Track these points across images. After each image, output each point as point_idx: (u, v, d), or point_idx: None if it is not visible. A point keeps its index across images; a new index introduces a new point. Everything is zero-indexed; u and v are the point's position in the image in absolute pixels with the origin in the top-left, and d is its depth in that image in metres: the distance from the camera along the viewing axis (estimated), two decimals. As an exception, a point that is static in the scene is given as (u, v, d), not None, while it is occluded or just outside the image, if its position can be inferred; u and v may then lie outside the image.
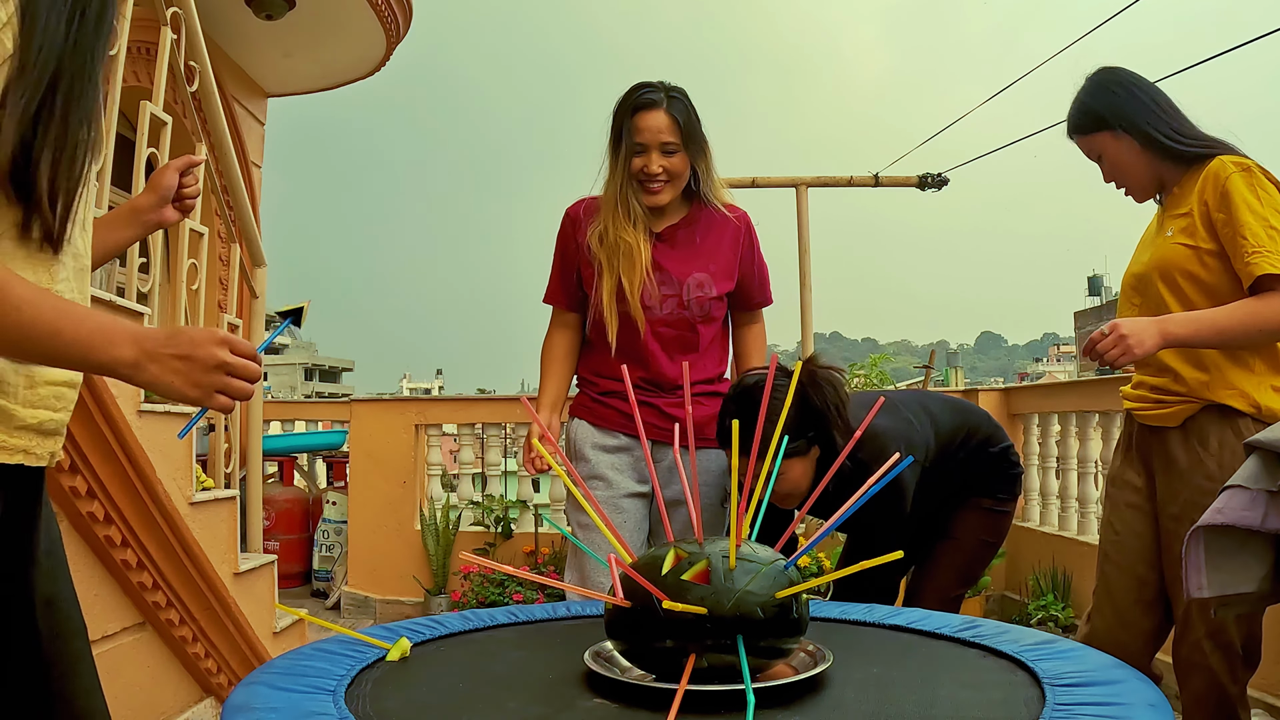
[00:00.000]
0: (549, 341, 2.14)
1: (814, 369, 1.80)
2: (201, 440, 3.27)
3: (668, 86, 1.99)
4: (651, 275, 2.00)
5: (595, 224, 2.03)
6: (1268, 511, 1.39)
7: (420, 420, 5.17)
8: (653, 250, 2.02)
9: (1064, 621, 3.95)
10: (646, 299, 2.00)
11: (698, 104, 2.00)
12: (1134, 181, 1.89)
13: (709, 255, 2.05)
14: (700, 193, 2.06)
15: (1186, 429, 1.78)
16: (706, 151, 2.02)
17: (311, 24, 4.97)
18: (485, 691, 0.98)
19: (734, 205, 2.10)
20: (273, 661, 1.04)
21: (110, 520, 2.19)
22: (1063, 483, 4.35)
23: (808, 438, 1.79)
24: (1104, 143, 1.88)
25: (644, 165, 1.96)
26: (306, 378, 52.13)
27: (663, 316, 2.01)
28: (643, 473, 2.03)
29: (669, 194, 1.99)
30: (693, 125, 1.98)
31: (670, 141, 1.95)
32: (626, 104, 1.98)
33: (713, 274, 2.03)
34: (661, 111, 1.95)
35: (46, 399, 1.05)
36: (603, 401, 2.05)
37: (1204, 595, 1.44)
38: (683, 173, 1.99)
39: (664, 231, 2.05)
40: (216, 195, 3.06)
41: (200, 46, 2.76)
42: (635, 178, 1.97)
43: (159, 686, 2.47)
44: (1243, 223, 1.68)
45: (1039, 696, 0.90)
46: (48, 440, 1.06)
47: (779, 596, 0.91)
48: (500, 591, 4.61)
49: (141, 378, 0.99)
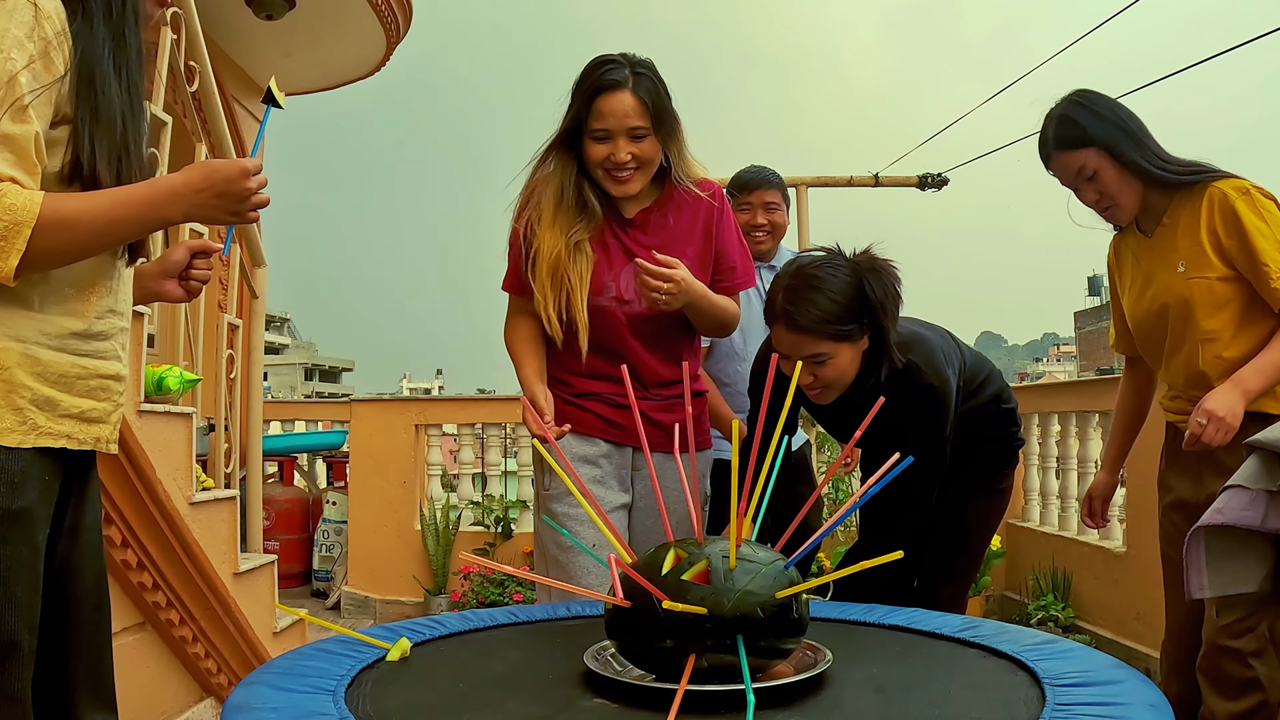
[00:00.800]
0: (513, 329, 1.91)
1: (875, 258, 1.76)
2: (201, 440, 3.27)
3: (632, 61, 1.76)
4: (620, 270, 1.81)
5: (530, 213, 1.82)
6: (1268, 511, 1.39)
7: (420, 420, 5.17)
8: (624, 238, 1.84)
9: (1064, 621, 3.95)
10: (624, 292, 1.82)
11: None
12: (1126, 200, 1.88)
13: (684, 240, 1.85)
14: (672, 174, 1.85)
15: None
16: (678, 132, 1.81)
17: (311, 24, 4.97)
18: (485, 691, 0.98)
19: (706, 179, 1.89)
20: (273, 661, 1.04)
21: (110, 520, 2.19)
22: (1063, 483, 4.35)
23: (860, 324, 1.74)
24: (1092, 159, 1.85)
25: (610, 154, 1.74)
26: (306, 378, 52.12)
27: (642, 310, 1.82)
28: (624, 480, 1.86)
29: (640, 181, 1.79)
30: (662, 105, 1.76)
31: (639, 126, 1.73)
32: (586, 85, 1.75)
33: (689, 260, 1.82)
34: (627, 93, 1.72)
35: (93, 390, 1.20)
36: (579, 404, 1.84)
37: (1205, 595, 1.45)
38: (654, 158, 1.78)
39: (636, 216, 1.86)
40: (216, 195, 3.06)
41: (200, 46, 2.76)
42: (600, 166, 1.77)
43: (159, 686, 2.47)
44: (1259, 249, 1.73)
45: (1039, 696, 0.90)
46: (92, 427, 1.20)
47: (779, 596, 0.91)
48: (500, 591, 4.61)
49: (190, 221, 1.26)
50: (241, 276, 3.24)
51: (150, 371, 2.41)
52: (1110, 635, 3.74)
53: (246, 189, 1.17)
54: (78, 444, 1.17)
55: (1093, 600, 3.95)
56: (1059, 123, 1.89)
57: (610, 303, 1.82)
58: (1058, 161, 1.91)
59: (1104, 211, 1.93)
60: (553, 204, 1.80)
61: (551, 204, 1.81)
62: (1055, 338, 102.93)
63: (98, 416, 1.21)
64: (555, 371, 1.87)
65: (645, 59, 1.78)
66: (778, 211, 2.64)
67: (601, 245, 1.83)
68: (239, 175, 1.17)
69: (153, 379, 2.42)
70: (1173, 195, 1.86)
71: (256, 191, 1.19)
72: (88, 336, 1.18)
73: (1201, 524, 1.44)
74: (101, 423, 1.22)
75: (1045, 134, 1.92)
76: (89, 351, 1.19)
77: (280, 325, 54.95)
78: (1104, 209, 1.92)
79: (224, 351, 3.01)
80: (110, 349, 1.23)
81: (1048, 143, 1.91)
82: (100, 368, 1.20)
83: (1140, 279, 1.95)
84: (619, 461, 1.85)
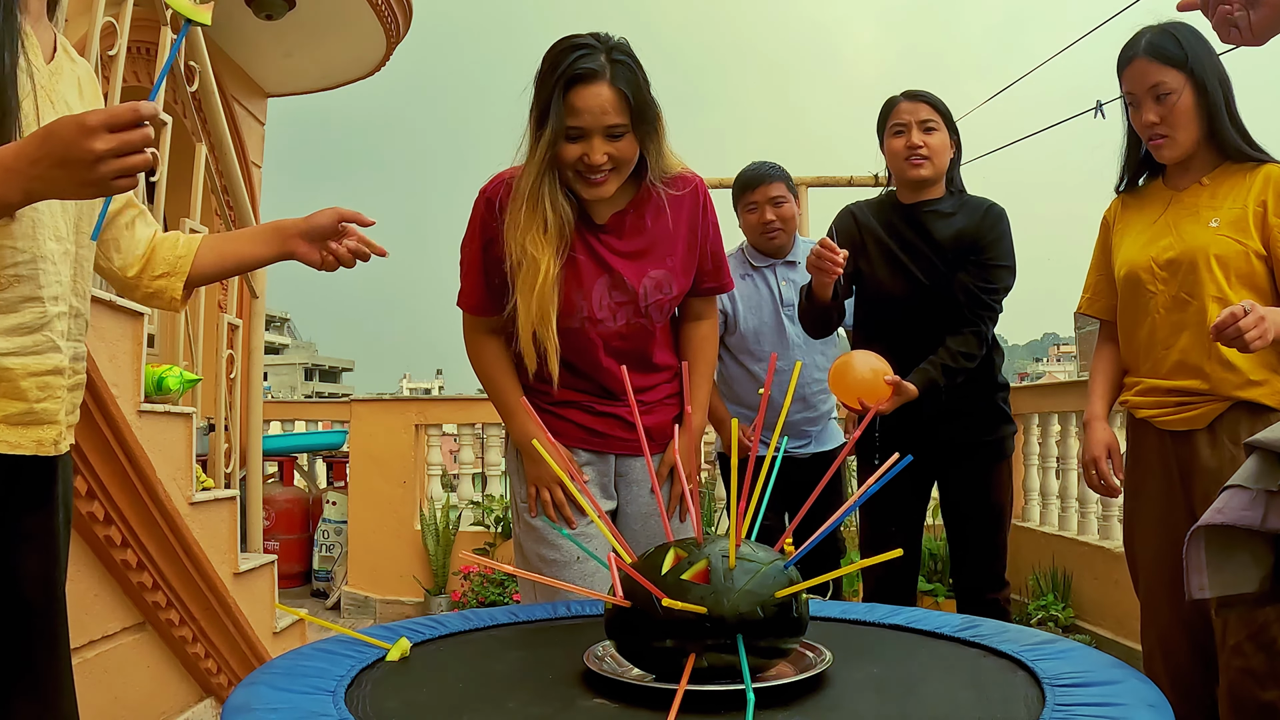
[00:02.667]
0: (480, 350, 1.70)
1: None
2: (201, 440, 3.27)
3: (609, 45, 1.54)
4: (591, 284, 1.64)
5: (504, 221, 1.62)
6: (1268, 511, 1.39)
7: (420, 420, 5.17)
8: (596, 246, 1.64)
9: (1064, 621, 3.95)
10: (596, 310, 1.64)
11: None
12: (1184, 138, 1.79)
13: (666, 246, 1.67)
14: (650, 173, 1.64)
15: (1215, 430, 1.75)
16: (659, 128, 1.60)
17: (311, 24, 4.97)
18: (485, 691, 0.98)
19: (684, 174, 1.68)
20: (273, 661, 1.04)
21: (110, 520, 2.19)
22: (1063, 483, 4.35)
23: (955, 131, 2.26)
24: (1175, 81, 1.76)
25: (583, 154, 1.54)
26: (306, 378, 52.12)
27: (617, 329, 1.66)
28: (607, 488, 1.74)
29: (615, 183, 1.58)
30: (643, 98, 1.55)
31: (617, 124, 1.53)
32: (556, 74, 1.52)
33: (671, 269, 1.67)
34: (604, 85, 1.51)
35: (27, 390, 1.09)
36: (556, 413, 1.69)
37: (1205, 596, 1.44)
38: (631, 158, 1.58)
39: (610, 221, 1.65)
40: (216, 195, 3.06)
41: (200, 46, 2.76)
42: (571, 168, 1.56)
43: (159, 686, 2.47)
44: None
45: (1039, 696, 0.90)
46: (31, 430, 1.10)
47: (779, 596, 0.91)
48: (500, 591, 4.61)
49: (35, 200, 0.97)
50: (241, 277, 3.24)
51: (150, 371, 2.41)
52: (1110, 635, 3.74)
53: (92, 151, 0.91)
54: (13, 449, 1.07)
55: (1093, 600, 3.95)
56: (1161, 33, 1.79)
57: (581, 323, 1.65)
58: (1138, 68, 1.80)
59: (1153, 140, 1.82)
60: (529, 212, 1.58)
61: (528, 213, 1.58)
62: (1055, 338, 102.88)
63: (37, 419, 1.10)
64: (529, 378, 1.70)
65: (620, 40, 1.56)
66: (785, 204, 2.62)
67: (569, 259, 1.62)
68: (78, 134, 0.91)
69: (153, 379, 2.42)
70: (1223, 160, 1.80)
71: (111, 152, 0.91)
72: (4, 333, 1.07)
73: (1201, 524, 1.44)
74: (49, 424, 1.12)
75: (1139, 38, 1.81)
76: (11, 349, 1.08)
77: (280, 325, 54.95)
78: (1157, 136, 1.81)
79: (224, 351, 3.01)
80: (42, 342, 1.11)
81: (1138, 46, 1.81)
82: (30, 365, 1.09)
83: (1151, 230, 1.87)
84: (601, 469, 1.73)
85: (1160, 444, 1.86)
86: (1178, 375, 1.80)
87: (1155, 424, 1.86)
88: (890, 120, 2.25)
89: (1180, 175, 1.86)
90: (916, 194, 2.25)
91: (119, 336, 2.21)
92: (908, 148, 2.19)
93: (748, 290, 2.65)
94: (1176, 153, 1.82)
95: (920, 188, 2.24)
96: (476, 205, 1.67)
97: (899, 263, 2.22)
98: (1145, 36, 1.82)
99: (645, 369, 1.72)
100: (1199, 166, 1.83)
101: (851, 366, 1.99)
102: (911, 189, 2.25)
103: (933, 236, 2.21)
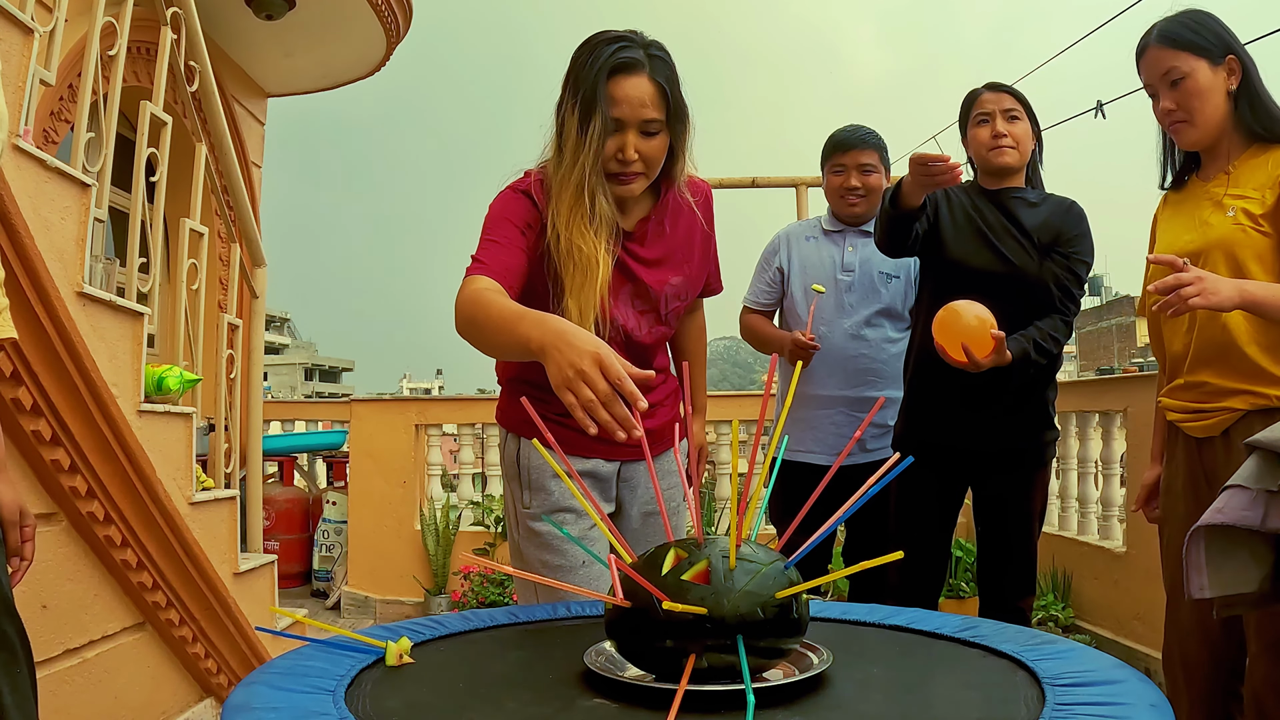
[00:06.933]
0: (473, 290, 1.41)
1: None
2: (201, 440, 3.27)
3: (644, 41, 1.49)
4: (617, 293, 1.57)
5: (553, 211, 1.53)
6: (1268, 511, 1.39)
7: (420, 420, 5.17)
8: (624, 256, 1.58)
9: (1064, 621, 3.95)
10: (625, 319, 1.59)
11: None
12: (1206, 122, 1.76)
13: (684, 252, 1.65)
14: (674, 178, 1.60)
15: (1229, 437, 1.74)
16: (689, 128, 1.56)
17: (311, 24, 4.98)
18: (485, 691, 0.98)
19: (695, 179, 1.66)
20: (273, 661, 1.04)
21: (110, 520, 2.19)
22: (1063, 483, 4.35)
23: (1038, 125, 2.27)
24: (1198, 69, 1.74)
25: (619, 149, 1.48)
26: (306, 378, 52.12)
27: (640, 339, 1.62)
28: (607, 491, 1.70)
29: (641, 185, 1.53)
30: (679, 97, 1.51)
31: (654, 119, 1.48)
32: (598, 63, 1.46)
33: (688, 276, 1.65)
34: (644, 78, 1.46)
35: None
36: (560, 421, 1.48)
37: (1205, 596, 1.44)
38: (659, 161, 1.53)
39: (635, 228, 1.60)
40: (216, 195, 3.06)
41: (200, 46, 2.76)
42: (605, 164, 1.49)
43: (159, 686, 2.47)
44: None
45: (1039, 696, 0.90)
46: None
47: (779, 596, 0.91)
48: (500, 591, 4.61)
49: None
50: (241, 276, 3.24)
51: (150, 371, 2.41)
52: (1110, 635, 3.74)
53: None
54: None
55: (1093, 600, 3.95)
56: (1172, 20, 1.78)
57: (617, 332, 1.58)
58: (1152, 56, 1.78)
59: (1173, 126, 1.80)
60: (579, 207, 1.49)
61: (578, 208, 1.49)
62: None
63: None
64: (530, 377, 1.59)
65: (655, 39, 1.52)
66: (874, 174, 2.53)
67: None
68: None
69: (153, 379, 2.42)
70: (1252, 143, 1.76)
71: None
72: None
73: (1201, 524, 1.44)
74: None
75: (1152, 28, 1.79)
76: None
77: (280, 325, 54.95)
78: (1175, 122, 1.79)
79: (224, 351, 3.01)
80: None
81: (1150, 35, 1.79)
82: None
83: (1179, 224, 1.85)
84: (602, 475, 1.69)
85: (1187, 446, 1.85)
86: (1196, 370, 1.79)
87: (1182, 429, 1.85)
88: (974, 110, 2.23)
89: (1210, 164, 1.83)
90: (1001, 181, 2.23)
91: (119, 336, 2.21)
92: (993, 136, 2.18)
93: (808, 252, 2.57)
94: (1196, 136, 1.78)
95: (1004, 175, 2.22)
96: (508, 200, 1.55)
97: (986, 239, 2.17)
98: (1157, 25, 1.80)
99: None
100: (1226, 154, 1.79)
101: (960, 313, 1.94)
102: (996, 177, 2.23)
103: (1020, 222, 2.18)
